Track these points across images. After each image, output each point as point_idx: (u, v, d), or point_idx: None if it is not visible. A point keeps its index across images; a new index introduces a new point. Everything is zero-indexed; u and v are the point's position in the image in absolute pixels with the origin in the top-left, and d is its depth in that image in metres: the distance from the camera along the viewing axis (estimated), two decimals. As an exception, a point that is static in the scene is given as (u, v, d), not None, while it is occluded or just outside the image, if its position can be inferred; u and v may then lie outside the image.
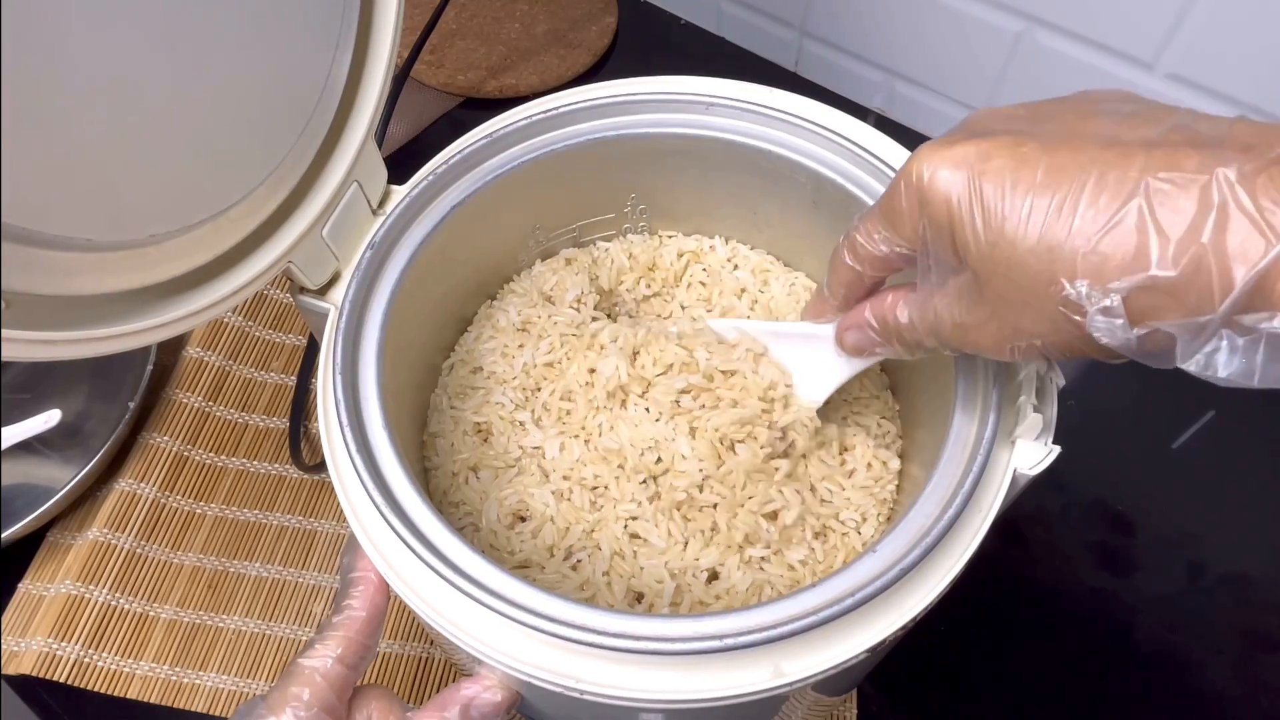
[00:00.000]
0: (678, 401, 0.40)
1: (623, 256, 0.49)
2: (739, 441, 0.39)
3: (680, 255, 0.49)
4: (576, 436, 0.41)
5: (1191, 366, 0.24)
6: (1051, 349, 0.27)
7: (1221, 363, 0.23)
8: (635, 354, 0.41)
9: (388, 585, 0.33)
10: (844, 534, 0.41)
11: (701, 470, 0.38)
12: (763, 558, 0.38)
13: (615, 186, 0.47)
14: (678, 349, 0.41)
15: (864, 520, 0.41)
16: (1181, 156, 0.23)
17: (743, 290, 0.48)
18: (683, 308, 0.49)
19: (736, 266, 0.49)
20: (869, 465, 0.42)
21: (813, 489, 0.41)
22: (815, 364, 0.39)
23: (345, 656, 0.31)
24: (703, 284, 0.49)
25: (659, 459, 0.39)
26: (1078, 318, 0.25)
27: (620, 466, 0.40)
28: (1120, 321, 0.24)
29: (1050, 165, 0.25)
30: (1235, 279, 0.22)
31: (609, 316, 0.47)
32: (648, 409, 0.40)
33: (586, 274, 0.47)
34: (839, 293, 0.35)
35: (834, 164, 0.42)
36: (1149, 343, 0.24)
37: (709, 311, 0.48)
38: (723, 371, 0.40)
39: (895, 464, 0.42)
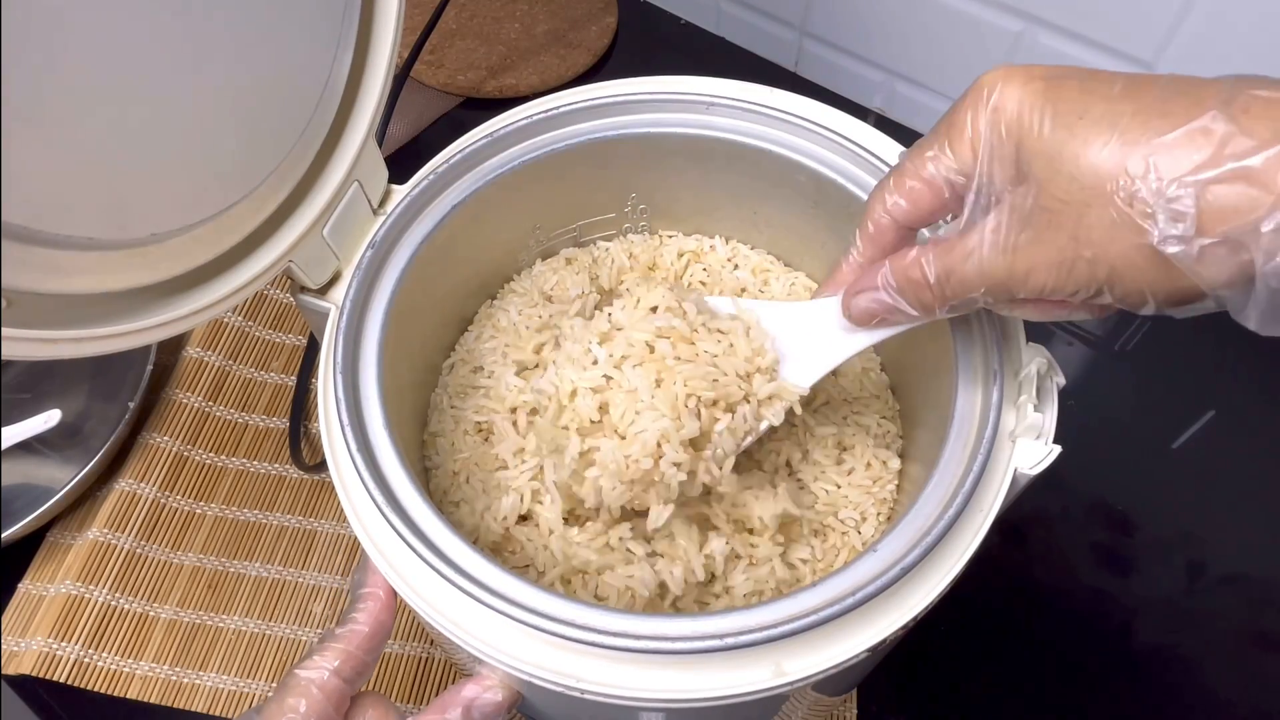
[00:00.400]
0: (651, 347, 0.36)
1: (623, 256, 0.49)
2: (706, 406, 0.35)
3: (680, 255, 0.49)
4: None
5: (1271, 268, 0.23)
6: (1104, 267, 0.25)
7: None
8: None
9: (394, 605, 0.33)
10: (844, 533, 0.41)
11: (659, 430, 0.34)
12: (758, 556, 0.38)
13: (615, 186, 0.47)
14: (666, 293, 0.38)
15: (864, 520, 0.41)
16: (1261, 83, 0.23)
17: (743, 290, 0.48)
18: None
19: (736, 266, 0.49)
20: (868, 465, 0.42)
21: (803, 486, 0.41)
22: (809, 346, 0.37)
23: (342, 669, 0.31)
24: (703, 284, 0.49)
25: (601, 407, 0.35)
26: (1144, 223, 0.24)
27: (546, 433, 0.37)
28: (1190, 213, 0.23)
29: (1128, 84, 0.25)
30: None
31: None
32: (610, 354, 0.36)
33: (587, 273, 0.47)
34: (867, 238, 0.33)
35: (834, 164, 0.42)
36: (1215, 258, 0.23)
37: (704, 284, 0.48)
38: (709, 328, 0.37)
39: (895, 464, 0.42)
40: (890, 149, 0.41)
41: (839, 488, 0.41)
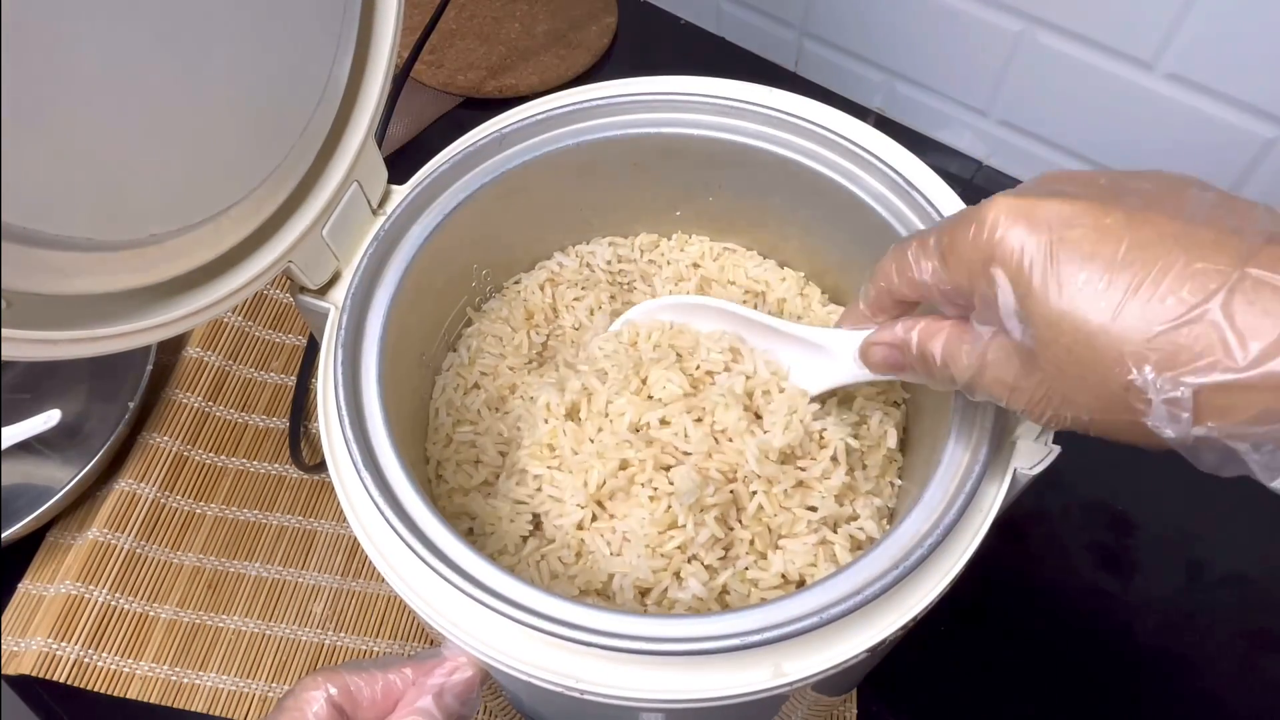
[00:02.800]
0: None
1: (620, 258, 0.49)
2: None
3: (683, 250, 0.49)
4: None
5: (1254, 455, 0.23)
6: (1096, 427, 0.26)
7: None
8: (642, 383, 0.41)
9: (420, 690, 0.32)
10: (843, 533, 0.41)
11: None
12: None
13: (615, 187, 0.47)
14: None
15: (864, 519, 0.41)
16: (1272, 258, 0.23)
17: (745, 293, 0.48)
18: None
19: (733, 264, 0.49)
20: (868, 465, 0.42)
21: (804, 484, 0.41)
22: (819, 367, 0.39)
23: (340, 699, 0.31)
24: (704, 287, 0.49)
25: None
26: (1139, 405, 0.24)
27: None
28: (1186, 416, 0.23)
29: (1134, 242, 0.24)
30: None
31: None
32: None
33: (586, 271, 0.47)
34: (871, 300, 0.34)
35: (834, 164, 0.42)
36: (1208, 445, 0.24)
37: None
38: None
39: (896, 465, 0.42)
40: (890, 149, 0.41)
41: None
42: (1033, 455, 0.33)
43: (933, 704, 0.49)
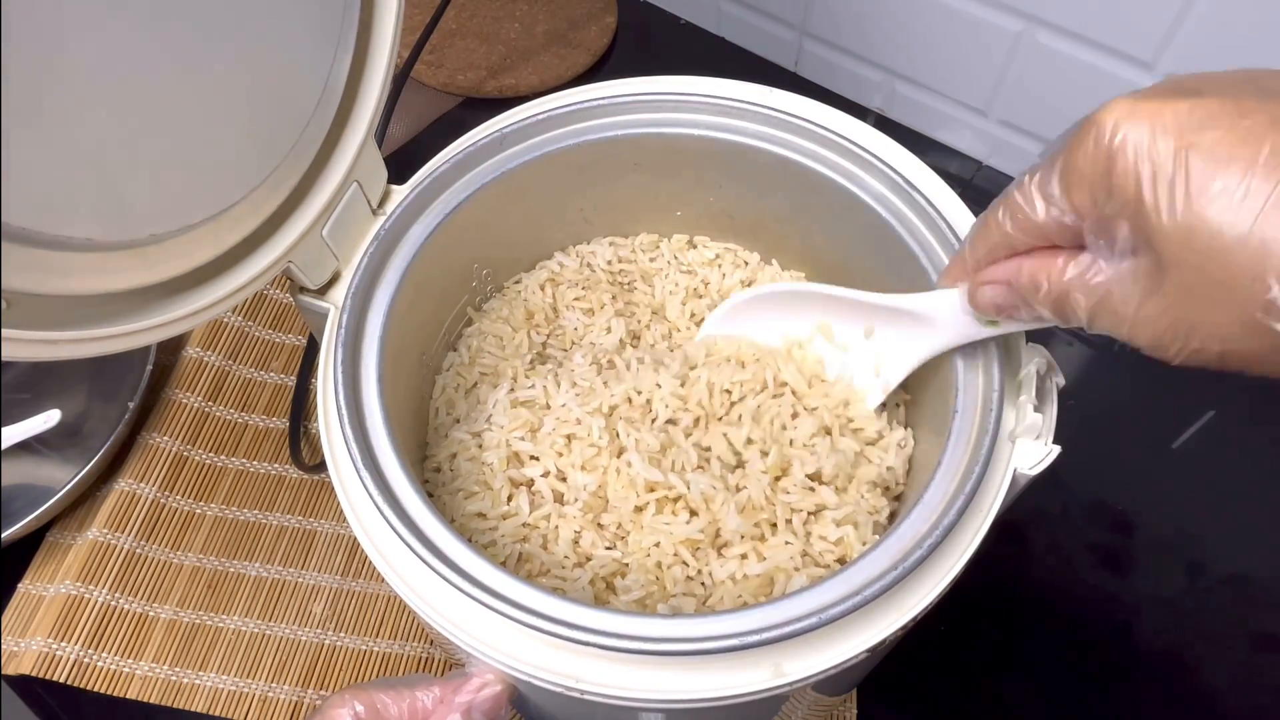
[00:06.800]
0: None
1: (620, 257, 0.49)
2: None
3: (676, 255, 0.50)
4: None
5: None
6: (1231, 359, 0.24)
7: None
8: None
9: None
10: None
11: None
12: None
13: (615, 187, 0.47)
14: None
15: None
16: None
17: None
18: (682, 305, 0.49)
19: (732, 265, 0.49)
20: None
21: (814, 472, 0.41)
22: (917, 336, 0.37)
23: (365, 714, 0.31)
24: (699, 295, 0.49)
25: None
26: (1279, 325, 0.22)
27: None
28: None
29: (1278, 145, 0.22)
30: None
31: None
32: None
33: (586, 272, 0.47)
34: (980, 255, 0.31)
35: (834, 164, 0.42)
36: None
37: (701, 297, 0.48)
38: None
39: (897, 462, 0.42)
40: (890, 149, 0.41)
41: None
42: (1033, 455, 0.33)
43: (933, 704, 0.49)
